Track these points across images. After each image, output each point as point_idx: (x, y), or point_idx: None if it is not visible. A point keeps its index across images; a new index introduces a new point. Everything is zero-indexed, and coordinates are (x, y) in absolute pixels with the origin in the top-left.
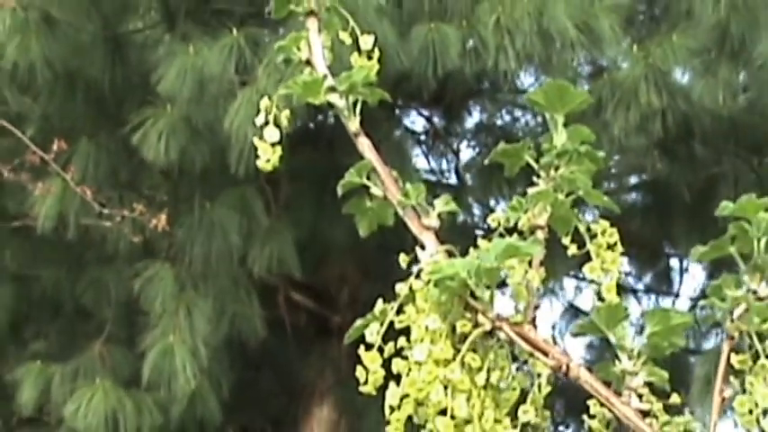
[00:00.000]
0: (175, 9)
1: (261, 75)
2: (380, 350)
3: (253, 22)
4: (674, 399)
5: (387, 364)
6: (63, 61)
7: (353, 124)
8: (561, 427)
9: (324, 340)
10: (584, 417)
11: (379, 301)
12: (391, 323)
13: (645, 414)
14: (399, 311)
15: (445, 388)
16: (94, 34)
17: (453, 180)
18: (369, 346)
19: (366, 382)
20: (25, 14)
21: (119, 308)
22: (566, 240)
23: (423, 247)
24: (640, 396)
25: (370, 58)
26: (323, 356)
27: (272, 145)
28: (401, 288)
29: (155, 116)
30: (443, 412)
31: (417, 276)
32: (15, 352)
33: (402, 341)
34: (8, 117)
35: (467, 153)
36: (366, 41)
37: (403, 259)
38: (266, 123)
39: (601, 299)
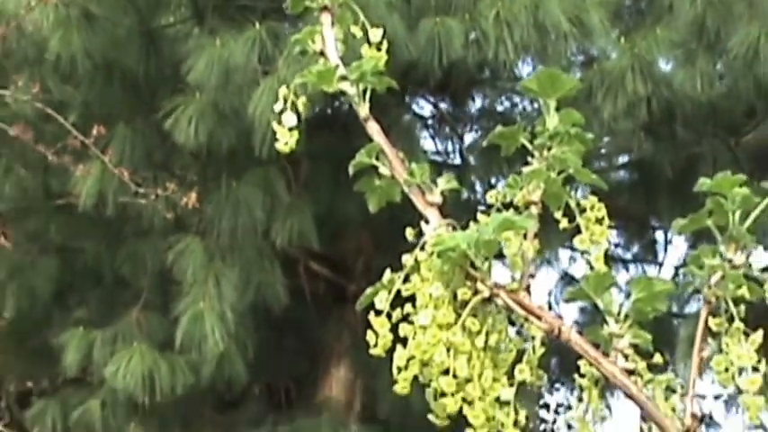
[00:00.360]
0: (204, 5)
1: (281, 65)
2: (389, 316)
3: (274, 16)
4: (657, 359)
5: (395, 329)
6: (101, 53)
7: (363, 110)
8: (557, 384)
9: (340, 306)
10: (576, 375)
11: (387, 271)
12: (398, 291)
13: (630, 373)
14: (406, 280)
15: (448, 350)
16: (130, 28)
17: (458, 161)
18: (378, 312)
19: (376, 345)
20: (67, 10)
21: (154, 278)
22: (558, 215)
23: (427, 222)
24: (626, 356)
25: (378, 49)
26: (340, 321)
27: (290, 129)
28: (407, 259)
29: (185, 103)
30: (446, 372)
31: (422, 248)
32: (60, 318)
33: (408, 307)
34: (52, 104)
35: (470, 136)
36: (375, 34)
37: (409, 233)
38: (284, 110)
39: (591, 268)
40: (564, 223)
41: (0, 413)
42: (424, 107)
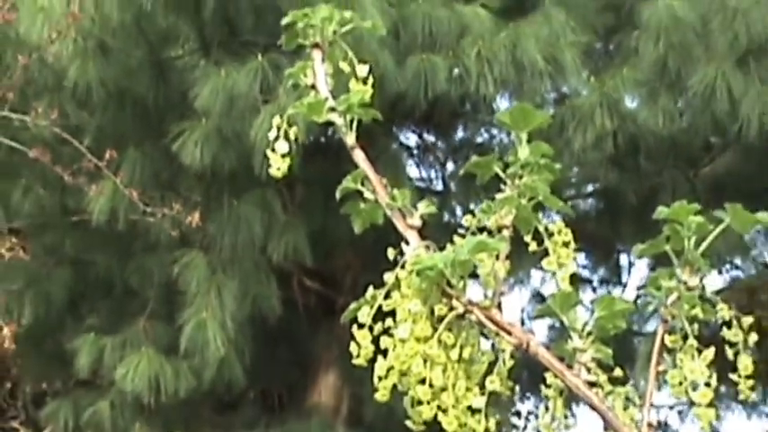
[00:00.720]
0: (210, 40)
1: (281, 94)
2: (371, 329)
3: (274, 50)
4: (618, 372)
5: (376, 341)
6: (115, 82)
7: (350, 139)
8: (528, 394)
9: (330, 319)
10: (542, 386)
11: (370, 288)
12: (380, 306)
13: (592, 385)
14: (387, 296)
15: (424, 361)
16: (142, 59)
17: (440, 187)
18: (361, 326)
19: (358, 356)
20: (84, 43)
21: (160, 289)
22: (527, 238)
23: (407, 243)
24: (589, 369)
25: (365, 83)
26: (329, 332)
27: (282, 156)
28: (389, 277)
29: (191, 127)
30: (423, 382)
31: (402, 267)
32: (73, 325)
33: (389, 321)
34: (68, 129)
35: (451, 165)
36: (362, 69)
37: (390, 253)
38: (277, 137)
39: (558, 288)
40: (533, 246)
41: (16, 412)
42: (410, 137)
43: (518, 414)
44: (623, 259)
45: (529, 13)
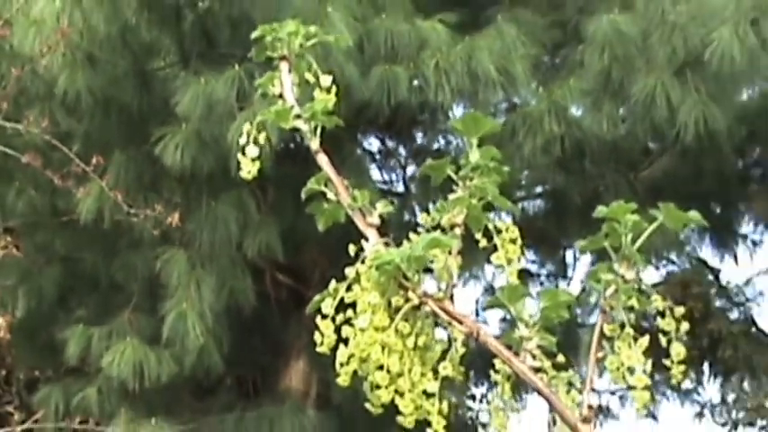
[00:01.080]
0: (189, 51)
1: (255, 101)
2: (333, 319)
3: (250, 60)
4: (561, 359)
5: (339, 330)
6: (102, 91)
7: (314, 144)
8: (483, 379)
9: (300, 310)
10: (492, 372)
11: (333, 281)
12: (342, 298)
13: (537, 370)
14: (348, 289)
15: (383, 349)
16: (126, 70)
17: (401, 189)
18: (324, 316)
19: (322, 344)
20: (73, 55)
21: (143, 283)
22: (478, 236)
23: (367, 240)
24: (534, 356)
25: (328, 92)
26: (299, 323)
27: (252, 160)
28: (350, 271)
29: (172, 132)
30: (381, 368)
31: (362, 262)
32: (63, 317)
33: (350, 312)
34: (58, 135)
35: (411, 168)
36: (326, 80)
37: (352, 249)
38: (247, 143)
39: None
40: (483, 243)
41: (11, 397)
42: (373, 143)
43: (473, 397)
44: (569, 255)
45: (483, 27)
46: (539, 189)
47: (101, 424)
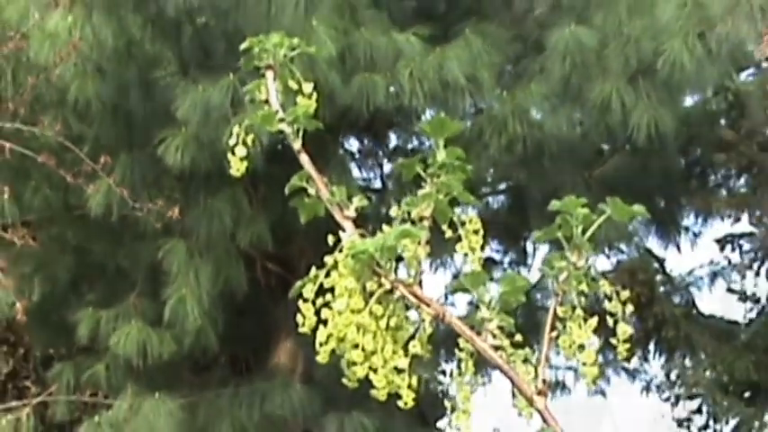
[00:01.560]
0: (188, 62)
1: (248, 107)
2: (314, 303)
3: (243, 70)
4: (519, 338)
5: (318, 313)
6: (109, 98)
7: (297, 144)
8: (452, 356)
9: (287, 295)
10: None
11: (313, 269)
12: (321, 284)
13: (497, 348)
14: (327, 276)
15: (358, 329)
16: (132, 79)
17: (378, 185)
18: (305, 300)
19: (303, 325)
20: (84, 65)
21: (147, 270)
22: (444, 227)
23: (344, 231)
24: (494, 336)
25: (310, 98)
26: (286, 306)
27: (241, 159)
28: (328, 259)
29: (173, 135)
30: (356, 346)
31: (340, 251)
32: (75, 301)
33: (329, 296)
34: (70, 138)
35: (388, 166)
36: (307, 87)
37: (330, 239)
38: (236, 144)
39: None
40: (449, 233)
41: (28, 373)
42: (354, 144)
43: (443, 373)
44: (530, 245)
45: (452, 40)
46: (503, 185)
47: (108, 397)
